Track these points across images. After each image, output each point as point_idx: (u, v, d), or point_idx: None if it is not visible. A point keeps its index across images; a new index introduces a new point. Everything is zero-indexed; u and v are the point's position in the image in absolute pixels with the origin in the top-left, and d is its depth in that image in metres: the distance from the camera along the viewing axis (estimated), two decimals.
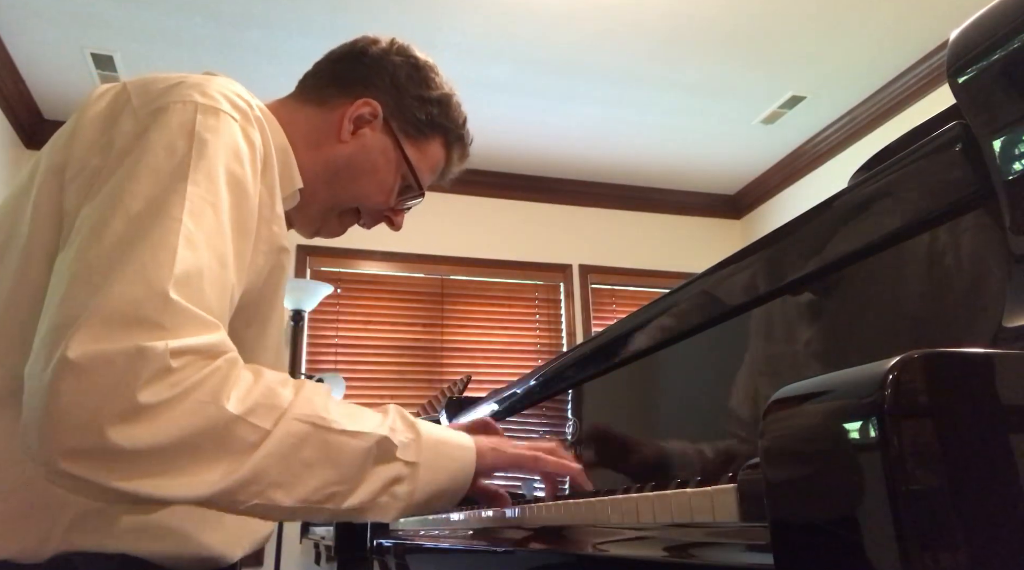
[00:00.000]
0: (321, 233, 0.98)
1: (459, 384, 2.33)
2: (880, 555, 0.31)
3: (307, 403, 0.64)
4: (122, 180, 0.64)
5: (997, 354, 0.35)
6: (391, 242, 3.92)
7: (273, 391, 0.62)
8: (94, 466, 0.54)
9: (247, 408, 0.59)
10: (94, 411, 0.53)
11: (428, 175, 0.98)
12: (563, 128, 3.82)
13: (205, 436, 0.57)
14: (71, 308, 0.57)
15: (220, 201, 0.66)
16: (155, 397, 0.55)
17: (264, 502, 0.61)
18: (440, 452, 0.73)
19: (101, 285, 0.57)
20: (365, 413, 0.70)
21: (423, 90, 0.95)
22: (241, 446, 0.59)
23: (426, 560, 1.22)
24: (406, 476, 0.69)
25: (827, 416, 0.35)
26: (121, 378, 0.54)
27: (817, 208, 0.67)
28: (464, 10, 2.96)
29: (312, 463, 0.63)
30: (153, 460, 0.55)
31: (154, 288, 0.57)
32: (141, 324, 0.56)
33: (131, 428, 0.54)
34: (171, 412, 0.55)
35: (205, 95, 0.72)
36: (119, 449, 0.53)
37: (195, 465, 0.57)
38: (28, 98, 3.41)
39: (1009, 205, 0.48)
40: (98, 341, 0.54)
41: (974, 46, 0.51)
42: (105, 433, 0.53)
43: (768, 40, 3.20)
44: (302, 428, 0.62)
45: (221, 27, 2.99)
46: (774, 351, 0.72)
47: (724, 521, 0.44)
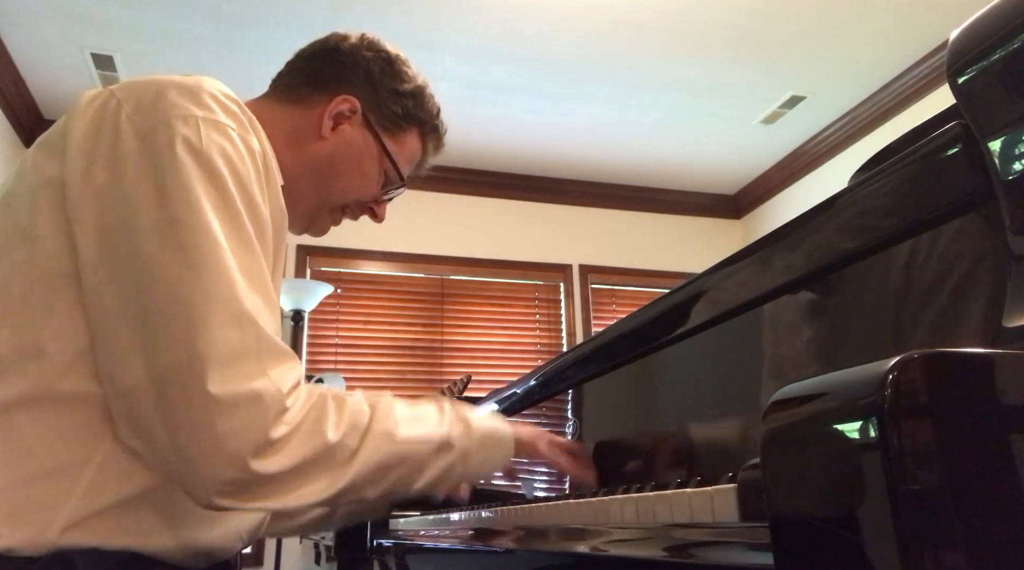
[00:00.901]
0: (311, 230, 1.00)
1: (459, 384, 2.33)
2: (880, 555, 0.31)
3: (382, 421, 0.78)
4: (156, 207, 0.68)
5: (997, 354, 0.35)
6: (391, 242, 3.92)
7: (355, 415, 0.76)
8: (239, 494, 0.67)
9: (341, 433, 0.74)
10: (239, 446, 0.65)
11: (407, 166, 1.01)
12: (563, 128, 3.82)
13: (313, 460, 0.71)
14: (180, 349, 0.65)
15: (243, 222, 0.72)
16: (279, 432, 0.67)
17: (358, 497, 0.77)
18: (486, 443, 0.89)
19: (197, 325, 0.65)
20: (426, 415, 0.84)
21: (397, 83, 0.97)
22: (339, 464, 0.73)
23: (426, 560, 1.22)
24: (458, 462, 0.85)
25: (827, 416, 0.35)
26: (253, 418, 0.65)
27: (817, 208, 0.67)
28: (464, 10, 2.96)
29: (391, 466, 0.78)
30: (280, 482, 0.68)
31: (244, 324, 0.67)
32: (247, 363, 0.66)
33: (266, 460, 0.66)
34: (291, 444, 0.68)
35: (201, 106, 0.73)
36: (260, 476, 0.66)
37: (309, 482, 0.71)
38: (28, 98, 3.42)
39: (1009, 205, 0.48)
40: (226, 383, 0.64)
41: (974, 46, 0.51)
42: (249, 465, 0.65)
43: (768, 40, 3.20)
44: (380, 443, 0.77)
45: (221, 27, 2.99)
46: (774, 351, 0.72)
47: (724, 521, 0.44)
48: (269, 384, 0.67)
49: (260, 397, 0.66)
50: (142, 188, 0.68)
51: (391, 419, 0.80)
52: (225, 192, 0.70)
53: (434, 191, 4.10)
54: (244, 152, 0.74)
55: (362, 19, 2.95)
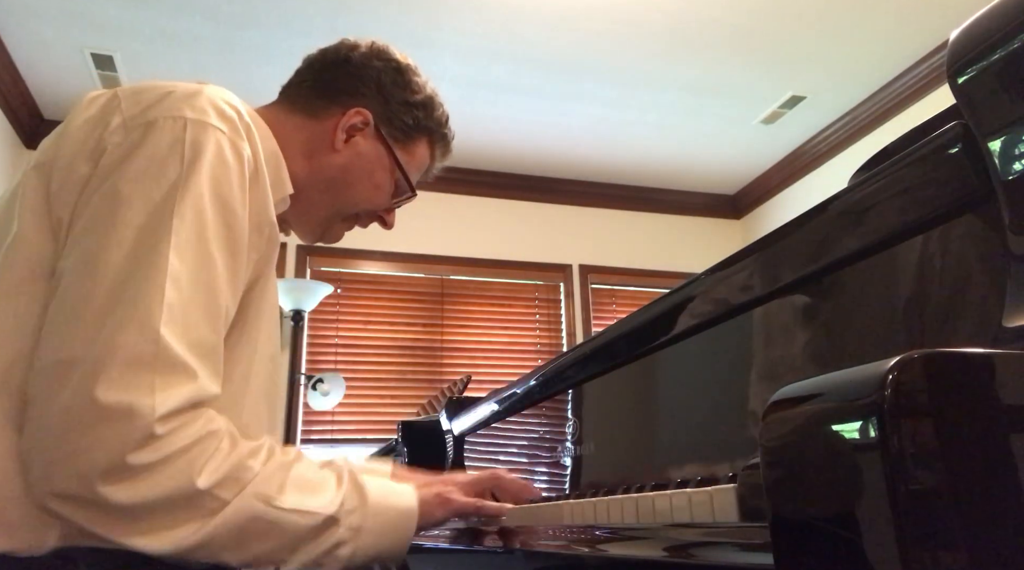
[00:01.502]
0: (325, 238, 1.01)
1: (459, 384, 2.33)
2: (880, 555, 0.31)
3: (265, 482, 0.70)
4: (113, 205, 0.67)
5: (997, 354, 0.35)
6: (391, 242, 3.92)
7: (242, 466, 0.69)
8: (78, 511, 0.62)
9: (215, 482, 0.66)
10: (89, 464, 0.60)
11: (416, 174, 1.02)
12: (563, 128, 3.82)
13: (173, 502, 0.64)
14: (77, 346, 0.62)
15: (208, 229, 0.70)
16: (140, 459, 0.61)
17: (214, 560, 0.68)
18: (383, 519, 0.79)
19: (99, 325, 0.63)
20: (320, 485, 0.76)
21: (408, 94, 0.97)
22: (201, 514, 0.65)
23: (426, 560, 1.21)
24: (348, 540, 0.75)
25: (827, 416, 0.35)
26: (116, 437, 0.60)
27: (817, 208, 0.67)
28: (464, 10, 2.96)
29: (260, 534, 0.69)
30: (128, 515, 0.62)
31: (148, 332, 0.63)
32: (139, 372, 0.62)
33: (116, 486, 0.61)
34: (151, 476, 0.62)
35: (194, 109, 0.73)
36: (104, 501, 0.61)
37: (160, 525, 0.64)
38: (28, 98, 3.41)
39: (1009, 205, 0.48)
40: (99, 389, 0.60)
41: (974, 46, 0.51)
42: (94, 486, 0.60)
43: (768, 40, 3.20)
44: (255, 506, 0.69)
45: (221, 27, 2.99)
46: (774, 351, 0.72)
47: (724, 521, 0.44)
48: (146, 403, 0.61)
49: (130, 414, 0.61)
50: (109, 183, 0.68)
51: (277, 481, 0.71)
52: (193, 195, 0.69)
53: (434, 191, 4.09)
54: (230, 156, 0.73)
55: (362, 19, 2.95)
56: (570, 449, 1.09)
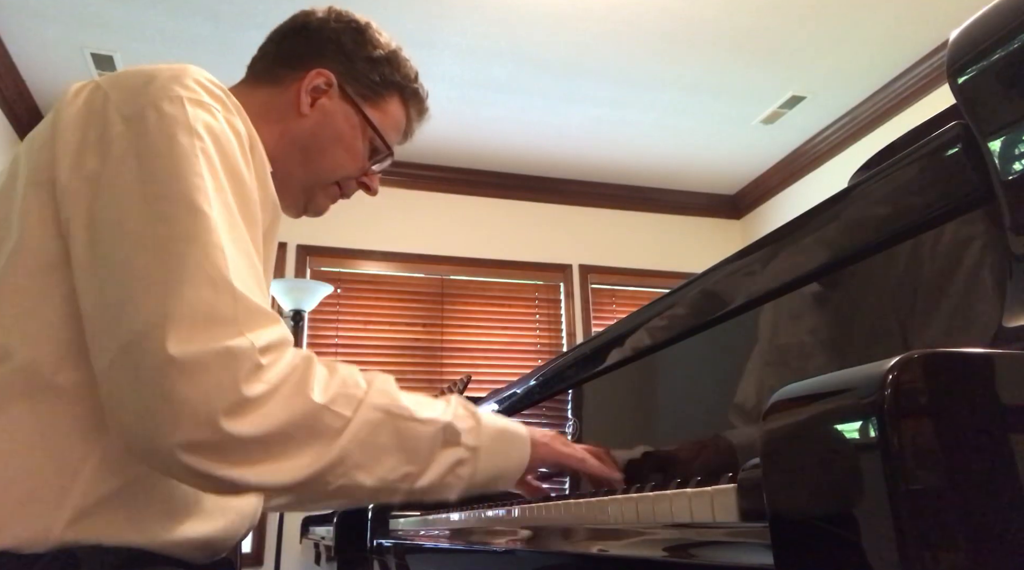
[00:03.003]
0: (308, 210, 0.99)
1: (459, 384, 2.33)
2: (880, 555, 0.31)
3: (381, 393, 0.71)
4: (137, 184, 0.67)
5: (997, 354, 0.35)
6: (391, 242, 3.92)
7: (348, 382, 0.69)
8: (211, 457, 0.60)
9: (329, 398, 0.66)
10: (208, 406, 0.59)
11: (393, 134, 0.99)
12: (563, 128, 3.82)
13: (298, 425, 0.64)
14: (148, 315, 0.61)
15: (228, 197, 0.70)
16: (255, 391, 0.61)
17: (349, 482, 0.67)
18: (499, 439, 0.79)
19: (170, 290, 0.62)
20: (431, 402, 0.76)
21: (370, 50, 0.96)
22: (328, 432, 0.66)
23: (426, 560, 1.22)
24: (468, 459, 0.76)
25: (827, 416, 0.35)
26: (224, 376, 0.60)
27: (817, 208, 0.67)
28: (464, 10, 2.96)
29: (388, 447, 0.70)
30: (259, 448, 0.62)
31: (220, 286, 0.63)
32: (222, 324, 0.62)
33: (240, 420, 0.60)
34: (269, 404, 0.62)
35: (186, 88, 0.73)
36: (233, 438, 0.60)
37: (292, 451, 0.64)
38: (28, 98, 3.42)
39: (1009, 205, 0.48)
40: (192, 342, 0.60)
41: (974, 46, 0.51)
42: (220, 425, 0.59)
43: (768, 40, 3.20)
44: (378, 416, 0.69)
45: (221, 27, 2.99)
46: (774, 351, 0.72)
47: (724, 521, 0.44)
48: (243, 341, 0.61)
49: (231, 355, 0.61)
50: (127, 167, 0.68)
51: (392, 393, 0.73)
52: (210, 165, 0.69)
53: (434, 191, 4.10)
54: (228, 131, 0.73)
55: None
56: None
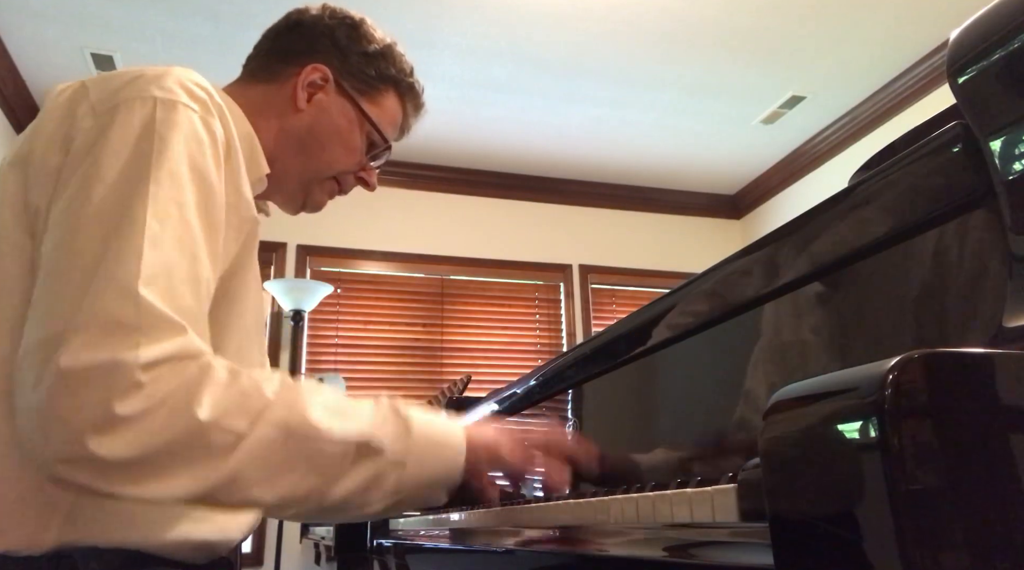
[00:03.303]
0: (307, 206, 0.98)
1: (459, 384, 2.33)
2: (880, 555, 0.31)
3: (285, 406, 0.65)
4: (86, 183, 0.66)
5: (997, 354, 0.35)
6: (391, 242, 3.92)
7: (249, 394, 0.64)
8: (83, 473, 0.58)
9: (220, 413, 0.61)
10: (78, 423, 0.57)
11: (390, 128, 0.99)
12: (563, 128, 3.82)
13: (178, 443, 0.60)
14: (53, 322, 0.60)
15: (185, 198, 0.68)
16: (127, 409, 0.58)
17: (247, 498, 0.64)
18: (430, 451, 0.73)
19: (78, 297, 0.60)
20: (353, 410, 0.70)
21: (365, 45, 0.96)
22: (215, 450, 0.61)
23: (426, 560, 1.22)
24: (391, 473, 0.69)
25: (827, 416, 0.35)
26: (97, 393, 0.57)
27: (817, 208, 0.67)
28: (464, 10, 2.96)
29: (288, 464, 0.64)
30: (133, 468, 0.59)
31: (123, 290, 0.60)
32: (116, 331, 0.59)
33: (109, 439, 0.57)
34: (145, 423, 0.58)
35: (163, 88, 0.72)
36: (100, 458, 0.57)
37: (172, 470, 0.60)
38: (28, 98, 3.42)
39: (1009, 205, 0.48)
40: (80, 354, 0.58)
41: (974, 46, 0.51)
42: (86, 444, 0.57)
43: (768, 40, 3.20)
44: (276, 434, 0.64)
45: (221, 27, 2.99)
46: (774, 351, 0.72)
47: (724, 521, 0.44)
48: (128, 356, 0.58)
49: (109, 370, 0.58)
50: (82, 163, 0.67)
51: (301, 406, 0.66)
52: (169, 166, 0.67)
53: (434, 191, 4.10)
54: (202, 132, 0.72)
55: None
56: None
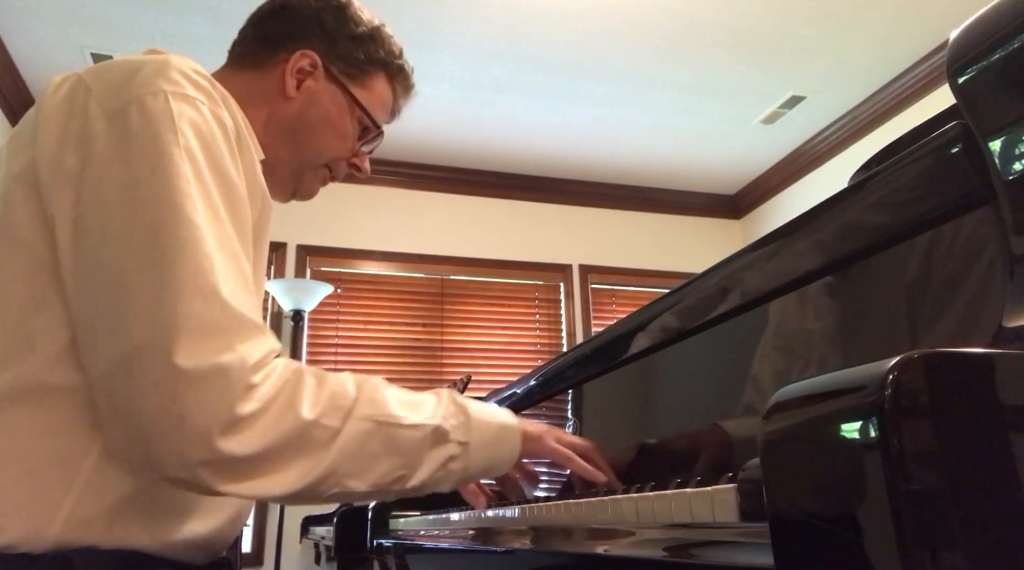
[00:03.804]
0: (298, 194, 0.97)
1: (459, 384, 2.33)
2: (880, 555, 0.31)
3: (369, 403, 0.73)
4: (122, 188, 0.66)
5: (997, 354, 0.35)
6: (391, 242, 3.92)
7: (337, 393, 0.71)
8: (206, 472, 0.62)
9: (319, 412, 0.68)
10: (206, 423, 0.61)
11: (381, 112, 0.98)
12: (563, 128, 3.82)
13: (288, 441, 0.66)
14: (149, 325, 0.62)
15: (214, 196, 0.69)
16: (247, 409, 0.63)
17: (342, 490, 0.70)
18: (490, 434, 0.81)
19: (166, 300, 0.63)
20: (421, 402, 0.78)
21: (352, 28, 0.95)
22: (318, 446, 0.68)
23: (426, 560, 1.22)
24: (459, 455, 0.78)
25: (827, 416, 0.35)
26: (220, 394, 0.62)
27: (817, 208, 0.67)
28: (464, 10, 2.96)
29: (378, 454, 0.72)
30: (251, 465, 0.64)
31: (211, 296, 0.64)
32: (214, 336, 0.63)
33: (233, 439, 0.62)
34: (260, 423, 0.64)
35: (169, 81, 0.72)
36: (226, 457, 0.62)
37: (283, 466, 0.66)
38: (28, 98, 3.41)
39: (1009, 205, 0.48)
40: (194, 355, 0.61)
41: (974, 46, 0.51)
42: (216, 444, 0.61)
43: (768, 40, 3.19)
44: (367, 426, 0.71)
45: (221, 27, 2.99)
46: (774, 351, 0.72)
47: (724, 521, 0.44)
48: (235, 358, 0.63)
49: (225, 371, 0.62)
50: (112, 168, 0.67)
51: (380, 401, 0.74)
52: (196, 165, 0.68)
53: (434, 191, 4.10)
54: (215, 125, 0.73)
55: None
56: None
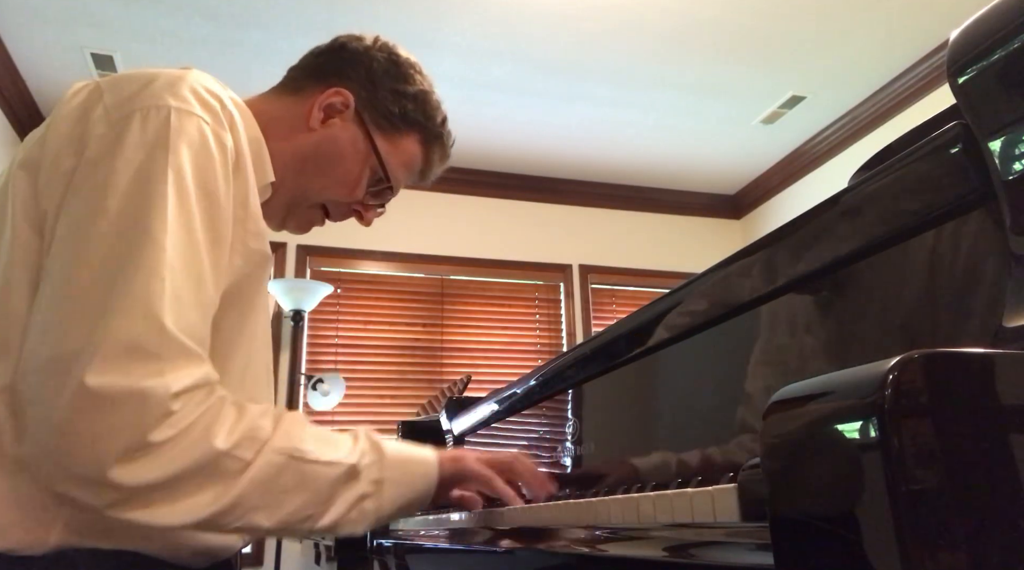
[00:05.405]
0: (286, 224, 0.95)
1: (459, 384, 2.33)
2: (880, 555, 0.31)
3: (285, 436, 0.71)
4: (99, 194, 0.66)
5: (997, 354, 0.35)
6: (391, 242, 3.92)
7: (255, 426, 0.69)
8: (97, 496, 0.61)
9: (233, 443, 0.66)
10: (104, 447, 0.59)
11: (402, 171, 0.96)
12: (563, 128, 3.82)
13: (196, 469, 0.64)
14: (74, 337, 0.61)
15: (193, 217, 0.69)
16: (160, 436, 0.61)
17: (246, 525, 0.68)
18: (403, 470, 0.81)
19: (98, 316, 0.62)
20: (337, 441, 0.77)
21: (400, 84, 0.94)
22: (226, 476, 0.66)
23: (426, 560, 1.22)
24: (372, 494, 0.77)
25: (827, 416, 0.35)
26: (132, 417, 0.60)
27: (817, 208, 0.67)
28: (464, 10, 2.96)
29: (289, 489, 0.70)
30: (149, 493, 0.62)
31: (151, 321, 0.63)
32: (144, 360, 0.61)
33: (134, 465, 0.60)
34: (171, 450, 0.62)
35: (177, 97, 0.72)
36: (119, 485, 0.60)
37: (186, 495, 0.64)
38: (28, 98, 3.42)
39: (1009, 205, 0.48)
40: (108, 375, 0.59)
41: (974, 46, 0.51)
42: (109, 470, 0.59)
43: (768, 40, 3.19)
44: (279, 459, 0.70)
45: (221, 27, 2.99)
46: (774, 351, 0.72)
47: (725, 521, 0.44)
48: (159, 384, 0.61)
49: (145, 396, 0.60)
50: (97, 173, 0.67)
51: (296, 436, 0.72)
52: (181, 182, 0.68)
53: (434, 191, 4.09)
54: (213, 146, 0.72)
55: (362, 18, 2.95)
56: (570, 449, 1.09)
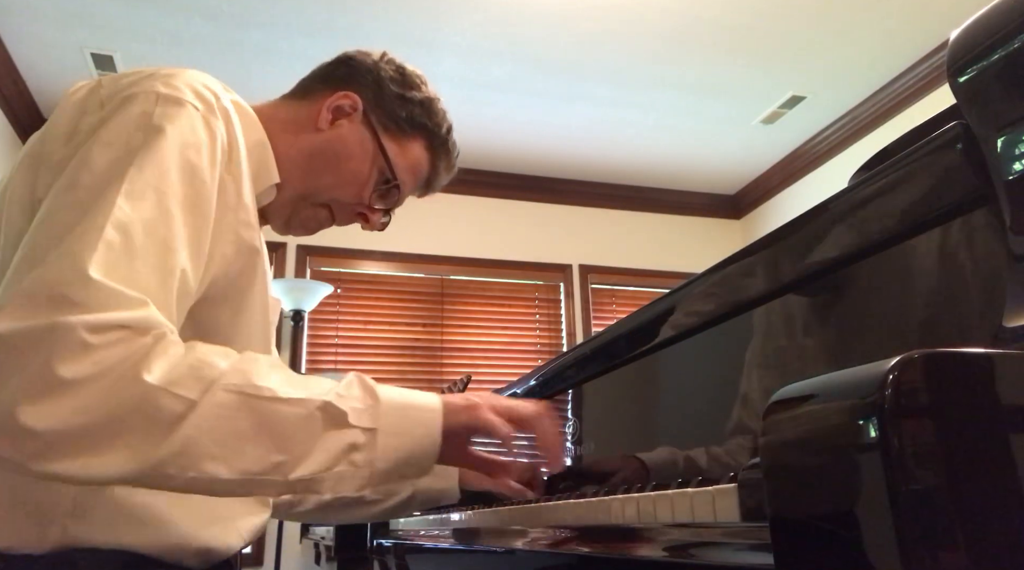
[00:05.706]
0: (290, 225, 0.95)
1: (459, 384, 2.33)
2: (880, 555, 0.31)
3: (239, 373, 0.62)
4: (74, 170, 0.66)
5: (997, 354, 0.35)
6: (391, 242, 3.92)
7: (204, 363, 0.60)
8: (12, 445, 0.53)
9: (171, 380, 0.57)
10: (10, 386, 0.52)
11: (408, 175, 0.96)
12: (563, 128, 3.81)
13: (126, 411, 0.55)
14: (7, 288, 0.58)
15: (168, 186, 0.66)
16: (74, 372, 0.53)
17: (200, 476, 0.59)
18: (403, 416, 0.70)
19: (29, 270, 0.58)
20: (314, 381, 0.68)
21: (406, 91, 0.95)
22: (165, 418, 0.57)
23: (426, 560, 1.22)
24: (363, 443, 0.66)
25: (827, 416, 0.35)
26: (39, 354, 0.53)
27: (817, 208, 0.67)
28: (464, 10, 2.96)
29: (246, 433, 0.60)
30: (71, 440, 0.54)
31: (75, 268, 0.57)
32: (59, 302, 0.55)
33: (44, 405, 0.52)
34: (90, 387, 0.54)
35: (169, 86, 0.73)
36: (32, 430, 0.52)
37: (117, 441, 0.55)
38: (28, 98, 3.41)
39: (1009, 205, 0.48)
40: (16, 319, 0.54)
41: (974, 46, 0.51)
42: (15, 413, 0.52)
43: (768, 40, 3.19)
44: (230, 398, 0.60)
45: (221, 27, 2.99)
46: (774, 351, 0.72)
47: (725, 521, 0.44)
48: (74, 319, 0.54)
49: (53, 330, 0.53)
50: (80, 152, 0.68)
51: (252, 372, 0.62)
52: (157, 154, 0.67)
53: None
54: (202, 131, 0.72)
55: (362, 19, 2.95)
56: (570, 449, 1.09)
